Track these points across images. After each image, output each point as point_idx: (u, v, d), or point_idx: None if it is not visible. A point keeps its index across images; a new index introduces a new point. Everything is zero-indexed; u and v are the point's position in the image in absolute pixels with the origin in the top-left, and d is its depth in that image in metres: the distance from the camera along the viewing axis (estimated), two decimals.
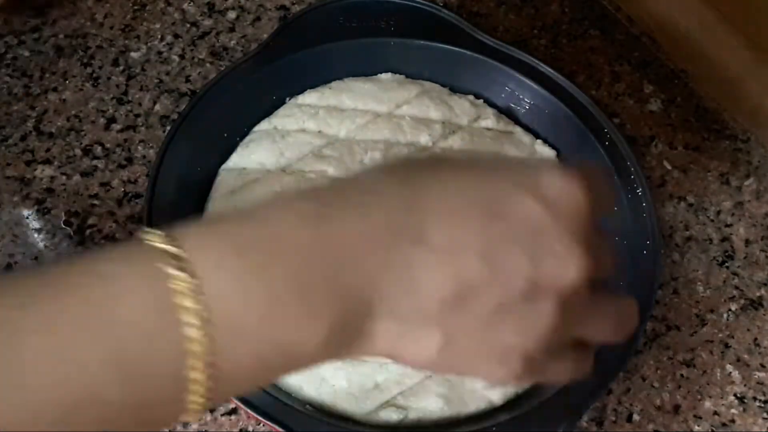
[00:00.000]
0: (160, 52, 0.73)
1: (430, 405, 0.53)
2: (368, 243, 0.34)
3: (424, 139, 0.64)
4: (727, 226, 0.68)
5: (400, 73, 0.68)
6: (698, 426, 0.59)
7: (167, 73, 0.72)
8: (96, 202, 0.65)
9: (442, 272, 0.34)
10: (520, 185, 0.36)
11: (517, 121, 0.67)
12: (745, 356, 0.62)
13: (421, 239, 0.34)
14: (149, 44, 0.74)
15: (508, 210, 0.35)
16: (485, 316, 0.35)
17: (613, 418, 0.58)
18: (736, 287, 0.65)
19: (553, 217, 0.35)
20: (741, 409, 0.59)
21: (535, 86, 0.66)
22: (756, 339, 0.62)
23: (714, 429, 0.59)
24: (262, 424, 0.55)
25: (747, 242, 0.67)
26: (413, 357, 0.36)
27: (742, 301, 0.64)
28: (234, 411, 0.57)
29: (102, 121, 0.69)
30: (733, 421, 0.59)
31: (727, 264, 0.66)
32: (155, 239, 0.32)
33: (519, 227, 0.35)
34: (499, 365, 0.36)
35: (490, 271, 0.34)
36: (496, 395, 0.54)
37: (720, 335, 0.62)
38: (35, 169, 0.66)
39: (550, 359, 0.38)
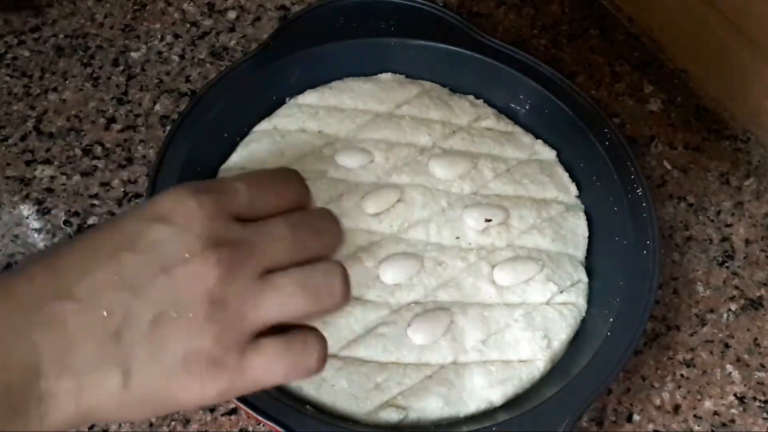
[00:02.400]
0: (160, 52, 0.73)
1: (430, 405, 0.53)
2: (15, 313, 0.36)
3: (424, 139, 0.64)
4: (727, 226, 0.68)
5: (400, 73, 0.68)
6: (698, 426, 0.59)
7: (167, 73, 0.72)
8: (96, 202, 0.65)
9: (89, 318, 0.36)
10: (137, 216, 0.39)
11: (517, 121, 0.67)
12: (745, 356, 0.62)
13: (64, 294, 0.36)
14: (149, 44, 0.74)
15: (131, 240, 0.38)
16: (145, 337, 0.37)
17: (613, 418, 0.58)
18: (736, 287, 0.65)
19: (172, 229, 0.38)
20: (741, 409, 0.59)
21: (535, 86, 0.66)
22: (756, 339, 0.63)
23: (714, 429, 0.59)
24: (262, 424, 0.55)
25: (747, 242, 0.67)
26: (103, 404, 0.37)
27: (742, 301, 0.64)
28: (234, 411, 0.57)
29: (102, 121, 0.69)
30: (733, 421, 0.59)
31: (727, 264, 0.66)
32: None
33: (146, 249, 0.38)
34: (187, 376, 0.37)
35: (129, 294, 0.37)
36: (496, 395, 0.54)
37: (720, 335, 0.63)
38: (35, 169, 0.66)
39: (247, 356, 0.38)
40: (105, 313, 0.36)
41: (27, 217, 0.64)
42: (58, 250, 0.38)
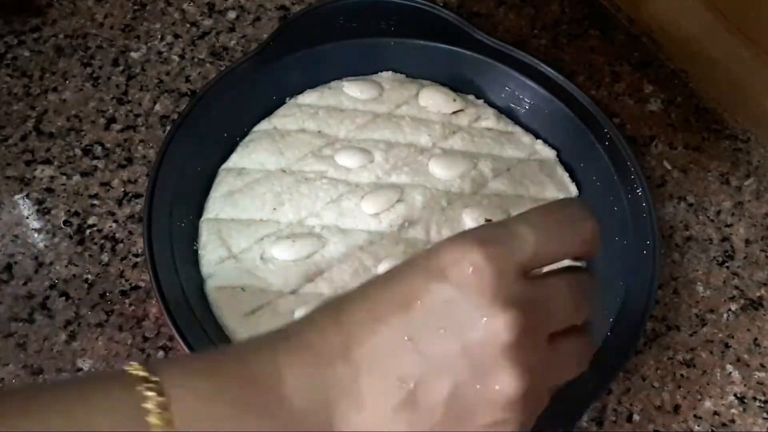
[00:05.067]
0: (160, 52, 0.73)
1: None
2: (312, 368, 0.36)
3: (424, 139, 0.64)
4: (727, 226, 0.68)
5: (400, 73, 0.68)
6: (698, 426, 0.59)
7: (167, 73, 0.72)
8: (96, 202, 0.65)
9: (382, 383, 0.35)
10: (421, 269, 0.36)
11: (517, 121, 0.67)
12: (745, 356, 0.62)
13: (354, 356, 0.36)
14: (149, 44, 0.74)
15: (417, 298, 0.36)
16: (445, 406, 0.35)
17: (613, 418, 0.58)
18: (736, 287, 0.65)
19: (461, 289, 0.35)
20: (741, 409, 0.59)
21: (535, 86, 0.66)
22: (756, 339, 0.63)
23: (714, 429, 0.59)
24: None
25: (747, 242, 0.67)
26: None
27: (742, 301, 0.64)
28: None
29: (102, 121, 0.69)
30: (733, 421, 0.59)
31: (727, 264, 0.66)
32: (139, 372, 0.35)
33: (434, 310, 0.35)
34: None
35: (421, 360, 0.35)
36: None
37: (720, 335, 0.62)
38: (35, 169, 0.66)
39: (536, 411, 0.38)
40: (398, 380, 0.35)
41: (27, 217, 0.64)
42: (344, 304, 0.37)
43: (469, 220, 0.60)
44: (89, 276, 0.61)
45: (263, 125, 0.65)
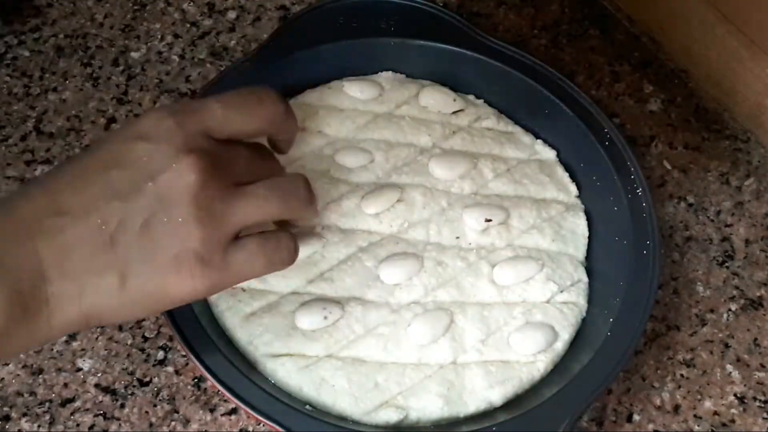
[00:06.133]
0: (160, 52, 0.73)
1: (430, 405, 0.53)
2: (19, 227, 0.40)
3: (424, 139, 0.64)
4: (727, 226, 0.68)
5: (400, 73, 0.68)
6: (698, 426, 0.59)
7: (167, 73, 0.72)
8: None
9: (84, 227, 0.41)
10: (122, 136, 0.43)
11: (517, 121, 0.67)
12: (745, 356, 0.62)
13: (61, 210, 0.41)
14: (149, 44, 0.74)
15: (117, 158, 0.42)
16: (138, 240, 0.41)
17: (613, 418, 0.58)
18: (736, 287, 0.65)
19: (154, 145, 0.42)
20: (741, 409, 0.60)
21: (535, 86, 0.66)
22: (756, 339, 0.63)
23: (714, 429, 0.59)
24: (262, 424, 0.55)
25: (747, 242, 0.67)
26: (103, 304, 0.41)
27: (742, 301, 0.64)
28: (234, 411, 0.57)
29: (102, 121, 0.69)
30: (733, 421, 0.59)
31: (727, 264, 0.66)
32: None
33: (132, 164, 0.42)
34: (178, 274, 0.42)
35: (120, 203, 0.41)
36: (496, 395, 0.54)
37: (720, 335, 0.63)
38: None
39: (230, 253, 0.44)
40: (99, 221, 0.41)
41: None
42: (53, 174, 0.42)
43: (469, 219, 0.60)
44: None
45: None
